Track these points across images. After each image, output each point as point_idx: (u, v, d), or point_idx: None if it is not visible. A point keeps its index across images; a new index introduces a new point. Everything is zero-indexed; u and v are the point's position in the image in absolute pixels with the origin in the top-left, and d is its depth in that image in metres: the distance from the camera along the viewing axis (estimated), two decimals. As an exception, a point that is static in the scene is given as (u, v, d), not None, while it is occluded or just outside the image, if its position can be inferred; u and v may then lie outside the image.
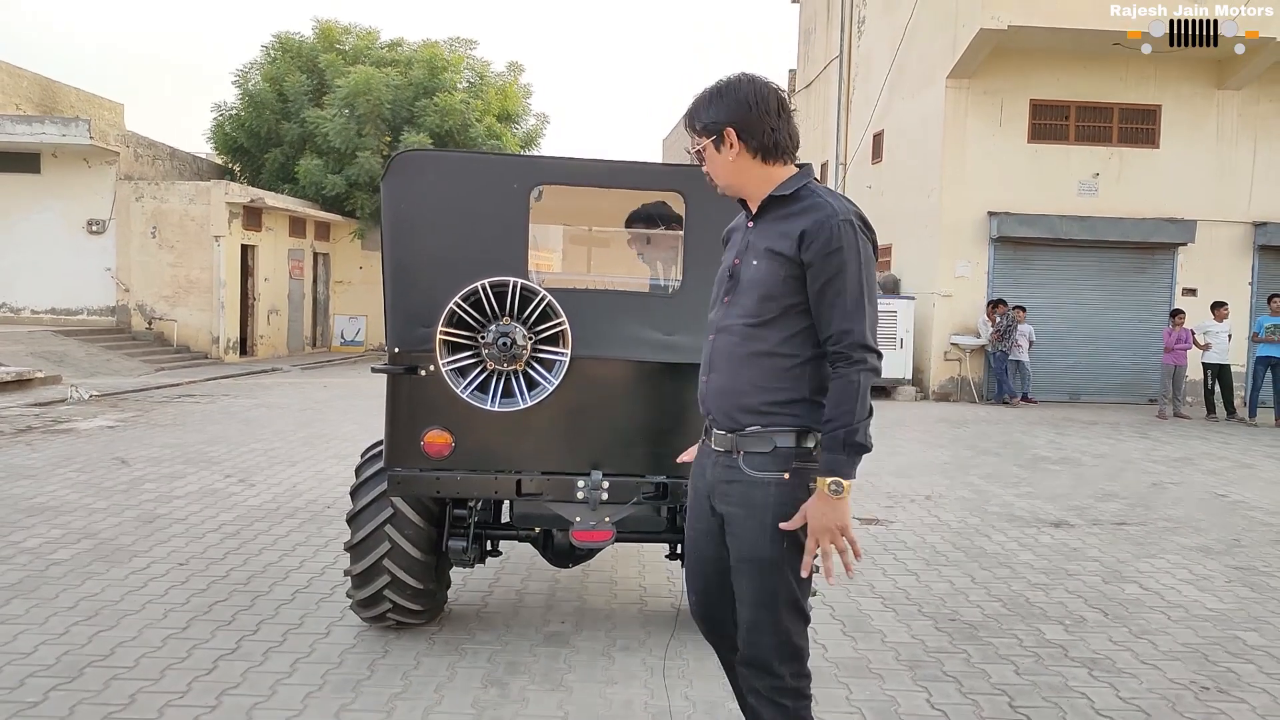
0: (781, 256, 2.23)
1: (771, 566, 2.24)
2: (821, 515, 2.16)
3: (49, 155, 17.90)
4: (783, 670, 2.27)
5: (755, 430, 2.26)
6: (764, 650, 2.27)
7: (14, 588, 4.42)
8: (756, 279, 2.27)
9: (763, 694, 2.29)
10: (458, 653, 3.80)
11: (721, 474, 2.32)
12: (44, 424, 9.73)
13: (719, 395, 2.33)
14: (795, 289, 2.24)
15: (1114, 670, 3.86)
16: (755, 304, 2.27)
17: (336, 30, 22.87)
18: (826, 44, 21.25)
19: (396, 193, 3.48)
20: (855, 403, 2.16)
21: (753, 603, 2.27)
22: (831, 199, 2.26)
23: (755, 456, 2.26)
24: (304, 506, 6.31)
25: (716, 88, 2.31)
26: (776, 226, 2.28)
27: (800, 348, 2.26)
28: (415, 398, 3.46)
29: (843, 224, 2.20)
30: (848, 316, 2.18)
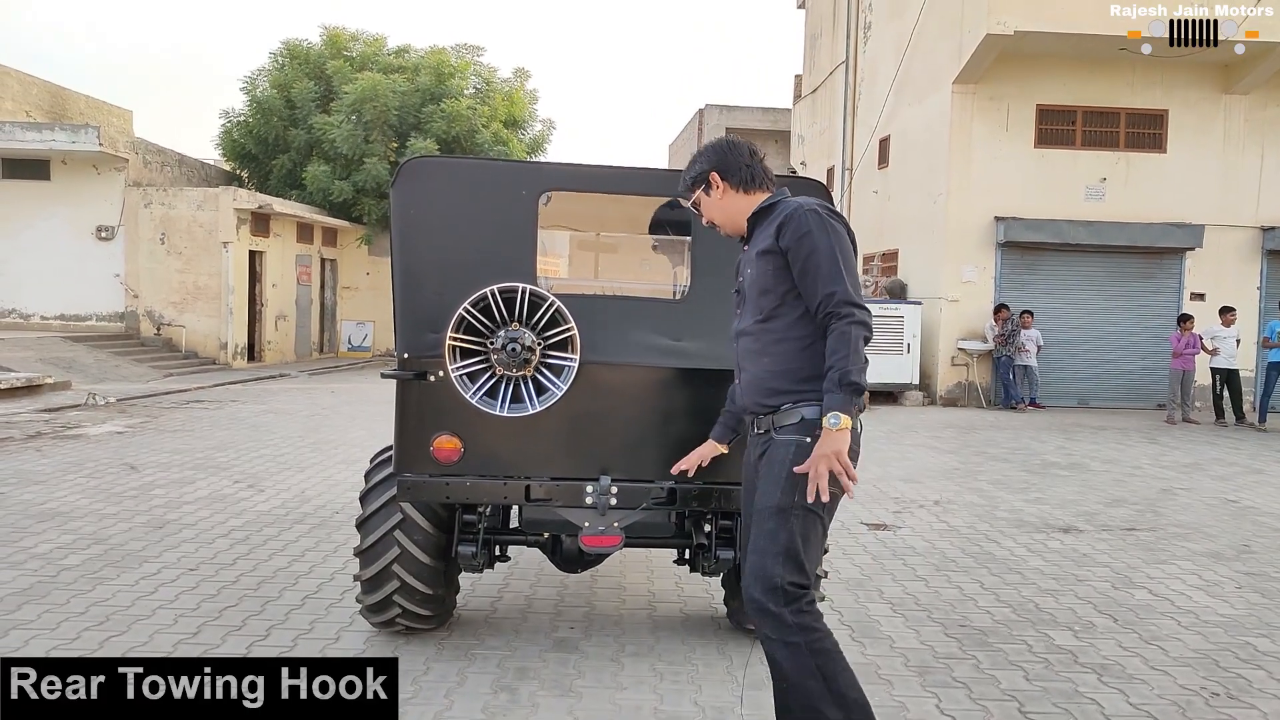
0: (767, 254, 2.61)
1: (777, 513, 2.48)
2: (820, 445, 2.43)
3: (58, 162, 17.99)
4: (779, 610, 2.42)
5: (786, 407, 2.59)
6: (761, 595, 2.44)
7: (25, 593, 4.44)
8: (753, 280, 2.67)
9: (771, 638, 2.45)
10: (467, 658, 3.80)
11: (760, 449, 2.65)
12: (54, 430, 9.77)
13: (749, 388, 2.68)
14: (784, 279, 2.59)
15: (1124, 676, 3.85)
16: (758, 302, 2.65)
17: (344, 37, 22.96)
18: (832, 50, 21.27)
19: (405, 199, 3.49)
20: (849, 349, 2.44)
21: (754, 549, 2.50)
22: (799, 199, 2.66)
23: (785, 427, 2.58)
24: (313, 512, 6.33)
25: (697, 152, 2.84)
26: (760, 234, 2.69)
27: (805, 328, 2.59)
28: (424, 403, 3.47)
29: (807, 213, 2.57)
30: (828, 282, 2.50)
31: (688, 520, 3.98)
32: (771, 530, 2.46)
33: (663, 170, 3.98)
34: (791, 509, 2.47)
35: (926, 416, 13.58)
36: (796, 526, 2.47)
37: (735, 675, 3.72)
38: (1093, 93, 14.88)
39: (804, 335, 2.58)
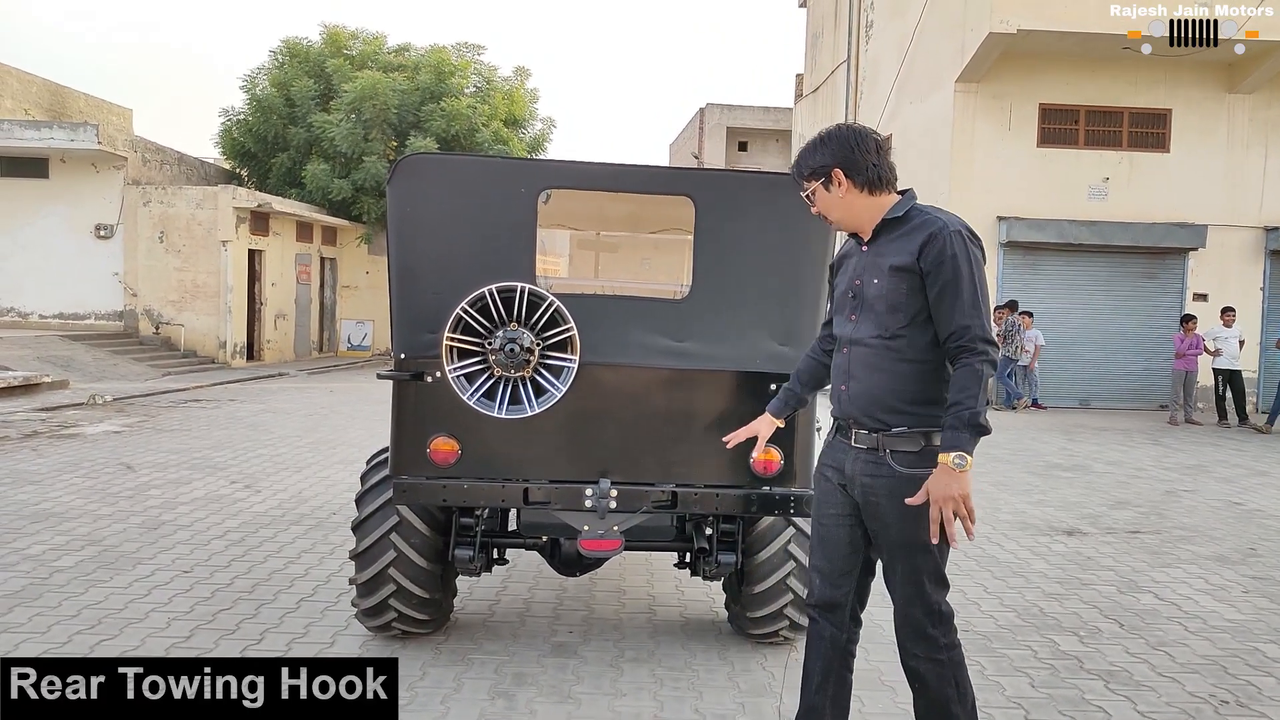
0: (903, 270, 2.53)
1: (923, 549, 2.53)
2: (945, 486, 2.40)
3: (57, 160, 17.93)
4: (935, 633, 2.58)
5: (902, 430, 2.55)
6: (918, 620, 2.58)
7: (16, 595, 4.39)
8: (882, 294, 2.57)
9: (922, 657, 2.59)
10: (464, 663, 3.74)
11: (865, 468, 2.60)
12: (50, 429, 9.71)
13: (860, 400, 2.61)
14: (918, 298, 2.53)
15: (1131, 683, 3.79)
16: (884, 317, 2.57)
17: (344, 35, 22.90)
18: (834, 48, 21.20)
19: (403, 196, 3.43)
20: (978, 388, 2.43)
21: (909, 581, 2.57)
22: (942, 214, 2.56)
23: (904, 455, 2.54)
24: (309, 513, 6.27)
25: (820, 137, 2.65)
26: (893, 245, 2.58)
27: (929, 352, 2.56)
28: (421, 404, 3.41)
29: (953, 235, 2.50)
30: (965, 314, 2.46)
31: (688, 523, 3.92)
32: (923, 564, 2.56)
33: (663, 168, 3.92)
34: (928, 542, 2.51)
35: (928, 417, 13.50)
36: (940, 555, 2.58)
37: (736, 681, 3.66)
38: (1096, 92, 14.81)
39: (928, 359, 2.56)
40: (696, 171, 3.74)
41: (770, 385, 3.44)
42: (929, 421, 2.54)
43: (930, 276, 2.50)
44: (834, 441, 2.75)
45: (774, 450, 3.44)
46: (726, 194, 3.47)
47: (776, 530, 3.74)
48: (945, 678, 2.60)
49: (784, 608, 3.78)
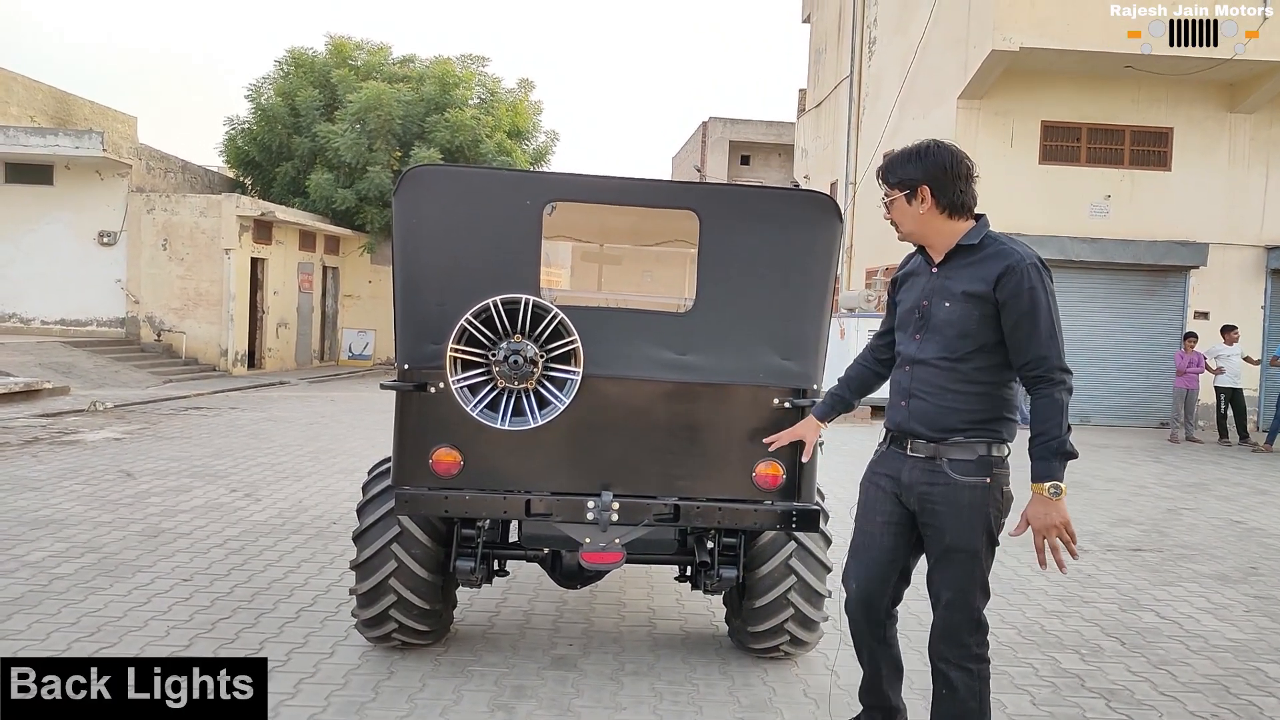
0: (977, 298, 2.61)
1: (974, 556, 2.64)
2: (1045, 515, 2.54)
3: (62, 167, 17.99)
4: (970, 641, 2.68)
5: (959, 440, 2.65)
6: (958, 625, 2.67)
7: (16, 602, 4.37)
8: (952, 319, 2.65)
9: (953, 661, 2.68)
10: (464, 675, 3.73)
11: (923, 476, 2.69)
12: (51, 435, 9.71)
13: (923, 417, 2.69)
14: (990, 326, 2.62)
15: (1133, 702, 3.77)
16: (953, 341, 2.65)
17: (349, 46, 23.00)
18: (837, 64, 21.29)
19: (408, 208, 3.44)
20: (1062, 417, 2.55)
21: (954, 586, 2.67)
22: (1016, 245, 2.64)
23: (960, 463, 2.64)
24: (309, 522, 6.26)
25: (916, 149, 2.71)
26: (966, 272, 2.65)
27: (993, 375, 2.65)
28: (424, 415, 3.41)
29: (1030, 267, 2.58)
30: (1044, 345, 2.58)
31: (690, 537, 3.92)
32: (970, 570, 2.66)
33: (669, 181, 3.93)
34: (983, 550, 2.67)
35: (929, 432, 13.49)
36: (986, 564, 2.69)
37: (737, 696, 3.65)
38: (1098, 109, 14.87)
39: (992, 382, 2.66)
40: (702, 185, 3.75)
41: (773, 400, 3.45)
42: (987, 434, 2.65)
43: (1007, 306, 2.58)
44: (888, 451, 2.83)
45: (777, 464, 3.44)
46: (731, 208, 3.48)
47: (778, 544, 3.74)
48: (973, 689, 2.68)
49: (785, 622, 3.76)
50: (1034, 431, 2.58)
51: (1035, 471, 2.57)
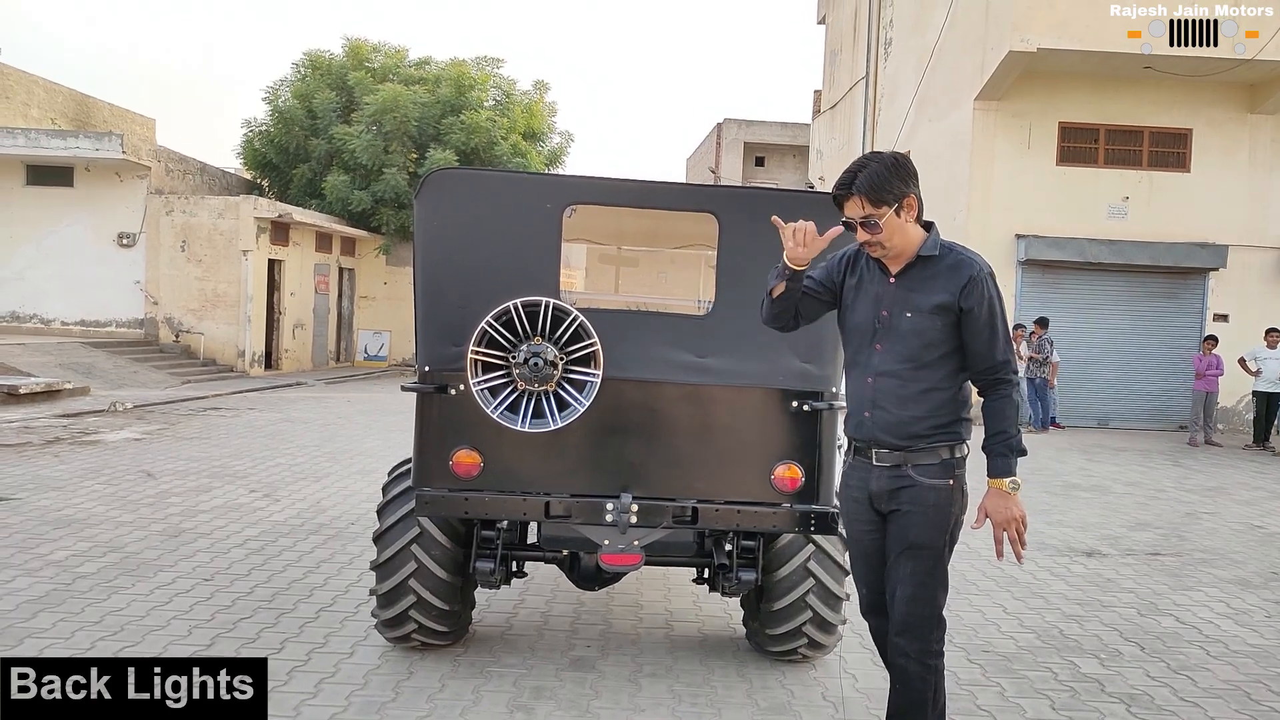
0: (944, 309, 2.69)
1: (938, 554, 2.73)
2: (1005, 509, 2.68)
3: (82, 169, 18.15)
4: (931, 637, 2.75)
5: (923, 447, 2.72)
6: (920, 620, 2.73)
7: (41, 600, 4.43)
8: (917, 329, 2.71)
9: (913, 657, 2.75)
10: (483, 676, 3.75)
11: (890, 483, 2.75)
12: (72, 435, 9.80)
13: (888, 426, 2.74)
14: (951, 335, 2.71)
15: (1153, 707, 3.75)
16: (917, 351, 2.71)
17: (366, 49, 23.12)
18: (853, 65, 21.24)
19: (430, 210, 3.47)
20: (1016, 416, 2.72)
21: (917, 582, 2.73)
22: (970, 253, 2.76)
23: (925, 467, 2.72)
24: (328, 523, 6.30)
25: (890, 162, 2.69)
26: (930, 283, 2.72)
27: (952, 380, 2.74)
28: (445, 417, 3.44)
29: (988, 277, 2.72)
30: (1002, 350, 2.72)
31: (708, 539, 3.92)
32: (932, 567, 2.74)
33: (689, 184, 3.94)
34: (944, 548, 2.75)
35: (944, 435, 13.42)
36: (947, 561, 2.78)
37: (755, 699, 3.65)
38: (1116, 111, 14.77)
39: (952, 387, 2.75)
40: (721, 188, 3.76)
41: (792, 402, 3.46)
42: (949, 437, 2.73)
43: (970, 315, 2.68)
44: (854, 463, 2.87)
45: (796, 467, 3.44)
46: (751, 211, 3.49)
47: (796, 547, 3.74)
48: (928, 682, 2.76)
49: (803, 625, 3.77)
50: (992, 430, 2.71)
51: (994, 468, 2.68)
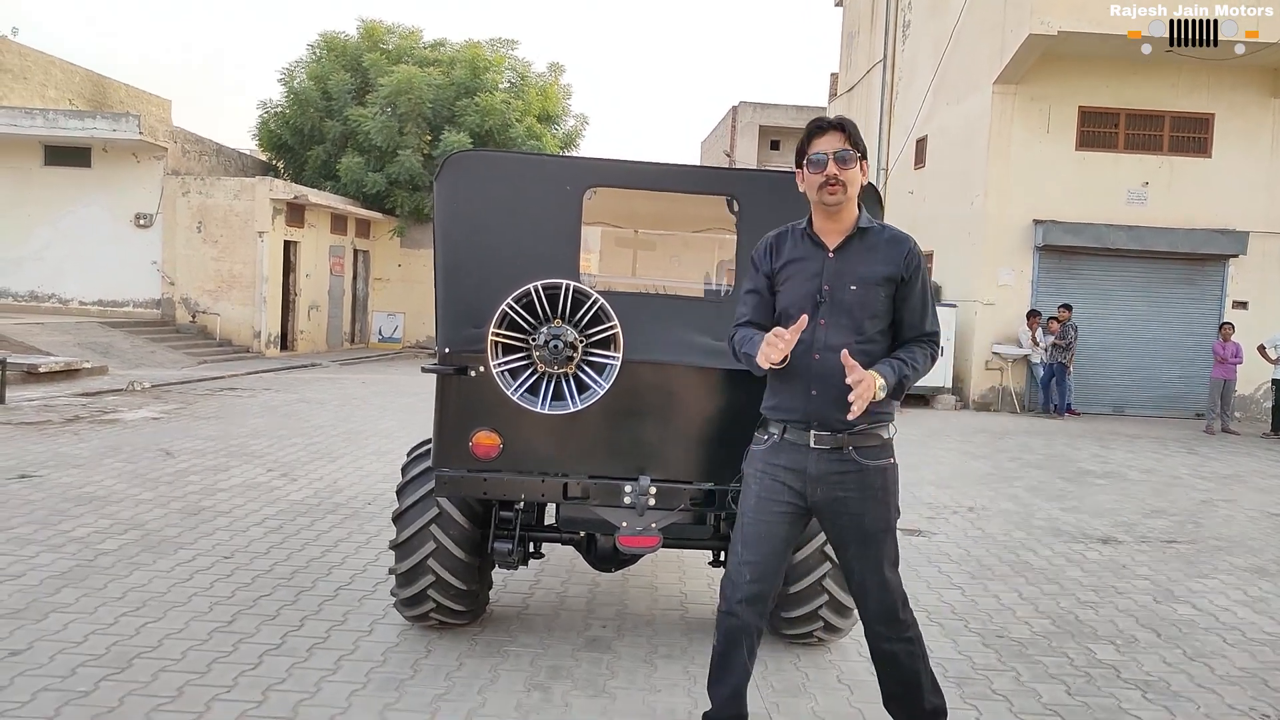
0: (889, 281, 2.74)
1: (893, 535, 2.78)
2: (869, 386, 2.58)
3: (99, 150, 18.23)
4: (906, 615, 2.80)
5: (862, 428, 2.71)
6: (892, 604, 2.77)
7: (64, 575, 4.49)
8: (861, 301, 2.72)
9: (896, 639, 2.79)
10: (500, 655, 3.78)
11: (832, 466, 2.73)
12: (91, 414, 9.89)
13: (834, 403, 2.67)
14: (889, 308, 2.77)
15: (1169, 694, 3.76)
16: (863, 324, 2.72)
17: (380, 30, 23.08)
18: (870, 48, 21.06)
19: (449, 192, 3.47)
20: (923, 367, 2.77)
21: (883, 567, 2.76)
22: (900, 229, 2.86)
23: (866, 449, 2.73)
24: (345, 503, 6.35)
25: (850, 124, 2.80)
26: (871, 255, 2.76)
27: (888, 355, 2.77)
28: (465, 398, 3.45)
29: (918, 247, 2.83)
30: (932, 322, 2.83)
31: (724, 522, 3.93)
32: (890, 548, 2.78)
33: (709, 168, 3.92)
34: (895, 528, 2.81)
35: (959, 421, 13.42)
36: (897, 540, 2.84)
37: (770, 680, 3.67)
38: (1136, 95, 14.61)
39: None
40: (742, 171, 3.75)
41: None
42: (884, 417, 2.77)
43: (907, 285, 2.76)
44: (781, 443, 2.78)
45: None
46: (771, 194, 3.48)
47: (813, 531, 3.74)
48: (916, 654, 2.81)
49: (819, 608, 3.78)
50: (903, 358, 2.72)
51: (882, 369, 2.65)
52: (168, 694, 3.27)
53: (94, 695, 3.23)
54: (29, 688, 3.27)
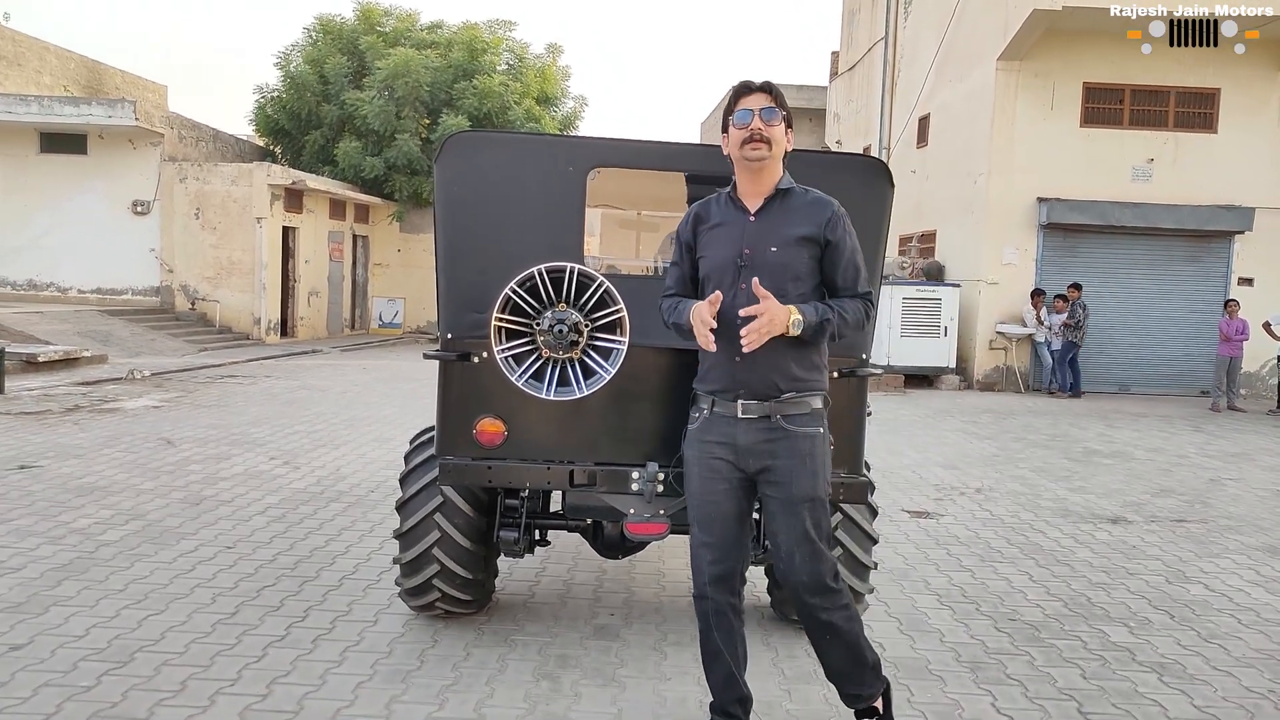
0: (809, 241, 2.70)
1: (821, 504, 2.71)
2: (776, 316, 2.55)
3: (95, 136, 18.10)
4: (838, 585, 2.73)
5: (791, 396, 2.69)
6: (821, 574, 2.70)
7: (65, 568, 4.44)
8: (783, 261, 2.68)
9: (831, 608, 2.72)
10: (507, 644, 3.74)
11: (759, 435, 2.69)
12: (91, 403, 9.84)
13: (758, 369, 2.66)
14: (815, 270, 2.73)
15: (1185, 676, 3.71)
16: (784, 285, 2.66)
17: (377, 12, 22.88)
18: (871, 26, 20.86)
19: (450, 175, 3.39)
20: (855, 322, 2.71)
21: (808, 537, 2.68)
22: (824, 194, 2.81)
23: (795, 417, 2.70)
24: (348, 490, 6.30)
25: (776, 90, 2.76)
26: (791, 216, 2.73)
27: None
28: (468, 385, 3.38)
29: (843, 212, 2.77)
30: (864, 284, 2.79)
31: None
32: (818, 519, 2.70)
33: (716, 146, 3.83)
34: (824, 497, 2.73)
35: (963, 401, 13.36)
36: (828, 510, 2.78)
37: (781, 667, 3.62)
38: (1141, 71, 14.45)
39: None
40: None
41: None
42: (813, 386, 2.73)
43: (833, 248, 2.72)
44: (712, 417, 2.77)
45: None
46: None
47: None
48: (853, 618, 2.76)
49: (830, 594, 3.72)
50: (827, 301, 2.71)
51: (803, 307, 2.61)
52: (171, 688, 3.22)
53: (96, 690, 3.19)
54: (30, 683, 3.22)
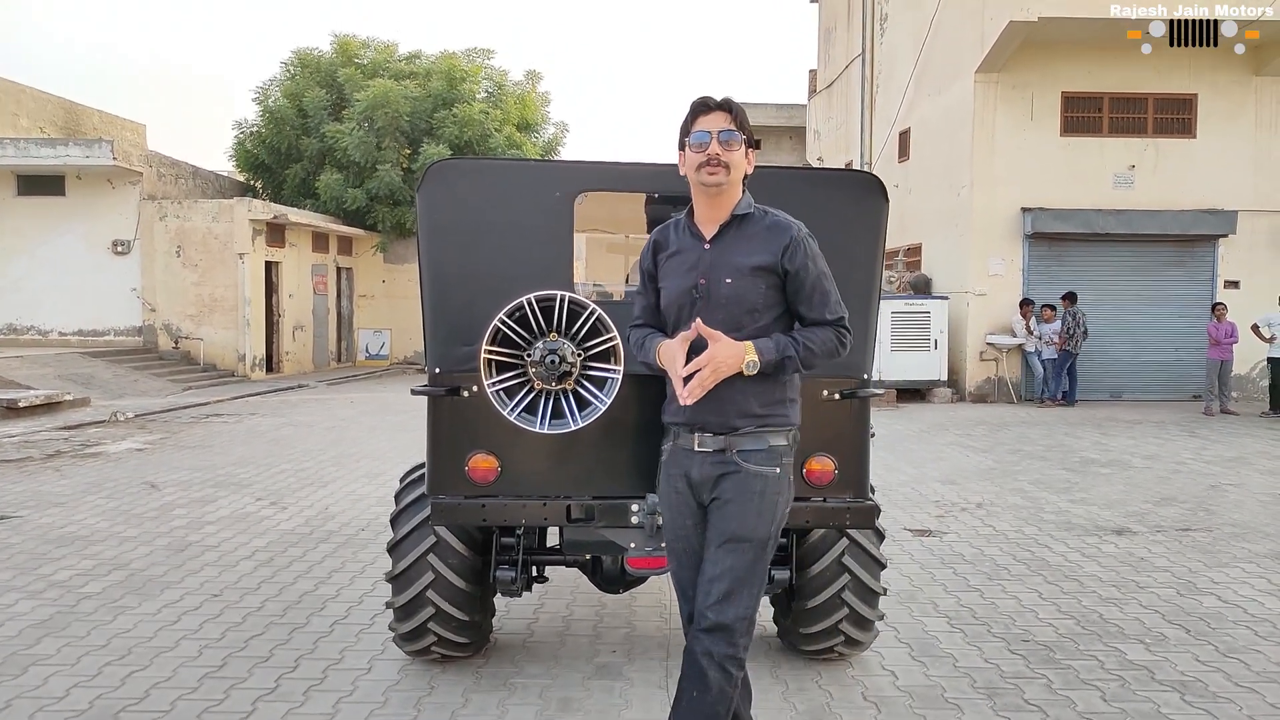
0: (765, 270, 2.52)
1: (760, 547, 2.52)
2: (726, 355, 2.42)
3: (73, 177, 17.94)
4: (741, 641, 2.50)
5: (749, 430, 2.54)
6: (733, 620, 2.47)
7: (44, 625, 4.27)
8: (738, 294, 2.52)
9: (716, 659, 2.46)
10: (507, 688, 3.59)
11: (713, 469, 2.56)
12: (73, 448, 9.64)
13: (714, 403, 2.51)
14: (776, 300, 2.56)
15: (1207, 695, 3.60)
16: (740, 317, 2.53)
17: (355, 44, 22.84)
18: (848, 42, 20.97)
19: (433, 203, 3.28)
20: (826, 350, 2.55)
21: (735, 578, 2.49)
22: (787, 216, 2.61)
23: (750, 453, 2.54)
24: (337, 530, 6.14)
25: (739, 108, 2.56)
26: (747, 244, 2.55)
27: None
28: (458, 421, 3.26)
29: (807, 238, 2.57)
30: (837, 308, 2.58)
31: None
32: (752, 561, 2.51)
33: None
34: (768, 542, 2.54)
35: (956, 414, 13.29)
36: (769, 559, 2.56)
37: (792, 701, 3.50)
38: (1119, 79, 14.54)
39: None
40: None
41: (822, 391, 3.28)
42: (775, 422, 2.56)
43: (796, 277, 2.53)
44: (675, 449, 2.66)
45: (828, 459, 3.27)
46: (772, 192, 3.30)
47: (830, 542, 3.58)
48: (725, 694, 2.48)
49: (839, 622, 3.61)
50: (800, 336, 2.53)
51: (760, 343, 2.46)
52: (155, 751, 3.07)
53: (76, 756, 3.03)
54: (6, 751, 3.06)
